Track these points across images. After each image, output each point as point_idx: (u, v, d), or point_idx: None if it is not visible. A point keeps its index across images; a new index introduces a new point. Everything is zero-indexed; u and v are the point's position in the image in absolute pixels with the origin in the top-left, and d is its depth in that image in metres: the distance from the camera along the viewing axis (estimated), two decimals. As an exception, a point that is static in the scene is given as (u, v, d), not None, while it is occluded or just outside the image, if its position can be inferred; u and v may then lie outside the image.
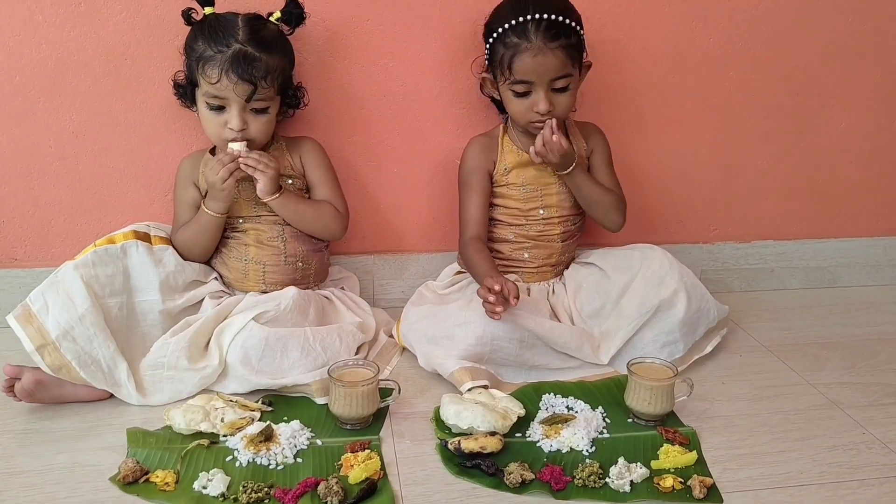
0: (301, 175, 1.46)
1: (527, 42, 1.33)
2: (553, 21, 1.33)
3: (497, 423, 1.15)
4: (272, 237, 1.42)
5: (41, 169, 1.48)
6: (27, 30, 1.39)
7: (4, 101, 1.42)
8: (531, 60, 1.34)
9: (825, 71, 1.68)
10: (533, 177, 1.48)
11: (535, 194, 1.49)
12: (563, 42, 1.34)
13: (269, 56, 1.32)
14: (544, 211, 1.49)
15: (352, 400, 1.17)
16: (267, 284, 1.43)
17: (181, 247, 1.42)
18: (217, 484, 1.04)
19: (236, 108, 1.32)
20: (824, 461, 1.15)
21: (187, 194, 1.44)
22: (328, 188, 1.47)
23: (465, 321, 1.32)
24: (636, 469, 1.09)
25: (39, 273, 1.51)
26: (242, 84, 1.29)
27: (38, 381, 1.22)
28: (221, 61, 1.29)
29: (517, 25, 1.34)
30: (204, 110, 1.34)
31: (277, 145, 1.45)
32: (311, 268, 1.47)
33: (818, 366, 1.45)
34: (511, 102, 1.41)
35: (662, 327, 1.38)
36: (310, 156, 1.46)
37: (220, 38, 1.30)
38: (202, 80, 1.31)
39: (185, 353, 1.27)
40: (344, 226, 1.48)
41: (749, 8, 1.60)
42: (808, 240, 1.81)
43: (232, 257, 1.44)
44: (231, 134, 1.33)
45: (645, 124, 1.65)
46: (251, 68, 1.29)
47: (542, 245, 1.50)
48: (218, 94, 1.31)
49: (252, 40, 1.31)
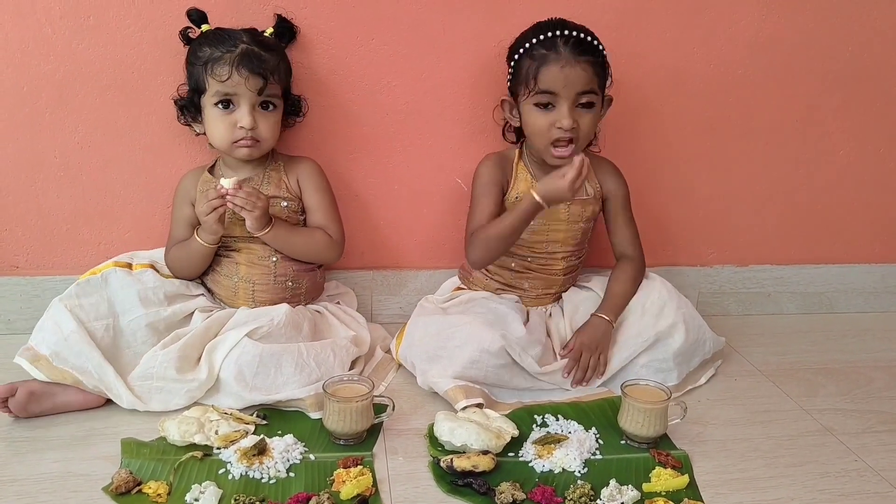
0: (296, 197, 1.46)
1: (555, 53, 1.33)
2: (581, 38, 1.34)
3: (491, 443, 1.16)
4: (263, 257, 1.43)
5: (45, 179, 1.49)
6: (36, 42, 1.41)
7: (12, 111, 1.44)
8: (558, 71, 1.33)
9: (824, 98, 1.70)
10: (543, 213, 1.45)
11: (542, 228, 1.47)
12: (591, 59, 1.34)
13: (272, 56, 1.36)
14: (549, 246, 1.48)
15: (346, 415, 1.18)
16: (256, 302, 1.43)
17: (171, 266, 1.44)
18: (209, 496, 1.04)
19: (247, 104, 1.34)
20: (815, 488, 1.15)
21: (183, 212, 1.45)
22: (324, 213, 1.47)
23: (462, 343, 1.33)
24: (627, 491, 1.09)
25: (40, 281, 1.53)
26: (254, 77, 1.32)
27: (31, 392, 1.23)
28: (231, 59, 1.32)
29: (545, 39, 1.34)
30: (213, 112, 1.35)
31: (276, 165, 1.46)
32: (302, 287, 1.47)
33: (813, 391, 1.45)
34: (533, 118, 1.37)
35: (657, 355, 1.40)
36: (308, 179, 1.46)
37: (227, 41, 1.34)
38: (211, 81, 1.33)
39: (174, 364, 1.28)
40: (338, 252, 1.48)
41: (749, 35, 1.62)
42: (805, 265, 1.82)
43: (223, 275, 1.44)
44: (241, 133, 1.34)
45: (643, 148, 1.66)
46: (261, 62, 1.33)
47: (543, 277, 1.50)
48: (228, 90, 1.33)
49: (255, 41, 1.36)
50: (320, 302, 1.53)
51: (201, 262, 1.43)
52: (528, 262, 1.49)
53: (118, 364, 1.30)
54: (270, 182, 1.44)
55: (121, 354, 1.32)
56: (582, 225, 1.49)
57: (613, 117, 1.61)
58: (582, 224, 1.49)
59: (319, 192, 1.47)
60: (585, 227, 1.50)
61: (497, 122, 1.52)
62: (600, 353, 1.39)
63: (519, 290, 1.51)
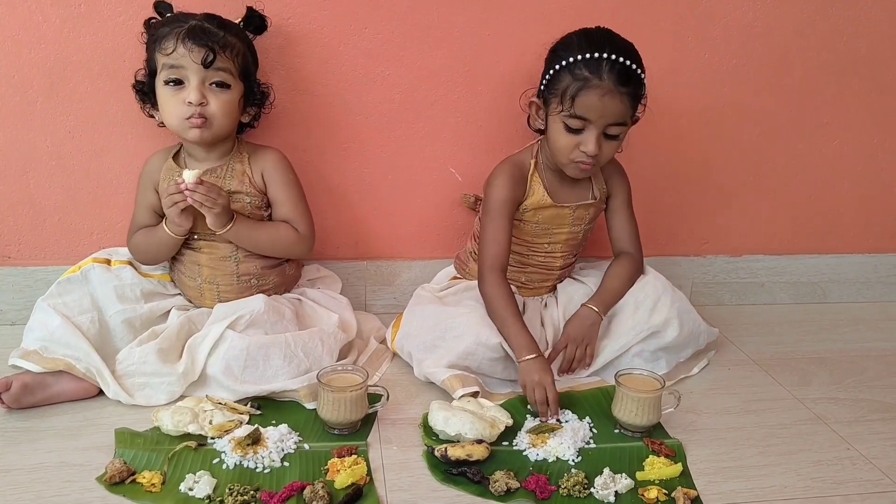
0: (260, 192, 1.41)
1: (597, 79, 1.27)
2: (627, 66, 1.28)
3: (485, 432, 1.16)
4: (225, 256, 1.40)
5: (37, 168, 1.48)
6: (27, 30, 1.40)
7: (2, 99, 1.43)
8: (598, 99, 1.27)
9: (819, 89, 1.70)
10: (549, 216, 1.45)
11: (546, 230, 1.47)
12: (631, 90, 1.29)
13: (226, 33, 1.31)
14: (550, 246, 1.48)
15: (340, 405, 1.18)
16: (223, 301, 1.41)
17: (135, 252, 1.43)
18: (203, 486, 1.04)
19: (195, 79, 1.29)
20: (808, 476, 1.15)
21: (147, 197, 1.42)
22: (290, 206, 1.42)
23: (460, 334, 1.33)
24: (621, 480, 1.10)
25: (32, 272, 1.52)
26: (199, 49, 1.27)
27: (25, 384, 1.23)
28: (178, 33, 1.28)
29: (591, 60, 1.28)
30: (163, 90, 1.31)
31: (240, 156, 1.41)
32: (269, 283, 1.44)
33: (805, 381, 1.46)
34: (559, 134, 1.34)
35: (648, 346, 1.41)
36: (273, 171, 1.41)
37: (177, 19, 1.31)
38: (159, 56, 1.29)
39: (153, 359, 1.27)
40: (306, 246, 1.44)
41: (744, 25, 1.62)
42: (798, 255, 1.83)
43: (187, 276, 1.42)
44: (190, 109, 1.29)
45: (639, 137, 1.65)
46: (207, 37, 1.28)
47: (541, 272, 1.50)
48: (175, 63, 1.28)
49: (209, 19, 1.31)
50: (297, 289, 1.51)
51: (167, 251, 1.41)
52: (526, 258, 1.49)
53: (106, 355, 1.30)
54: (234, 176, 1.39)
55: (108, 347, 1.33)
56: (584, 227, 1.49)
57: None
58: (584, 226, 1.49)
59: (285, 186, 1.42)
60: (587, 229, 1.50)
61: (524, 110, 1.46)
62: (587, 344, 1.39)
63: (516, 282, 1.51)
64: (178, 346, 1.32)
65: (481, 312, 1.36)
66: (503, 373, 1.34)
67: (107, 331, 1.34)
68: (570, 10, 1.48)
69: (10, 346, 1.32)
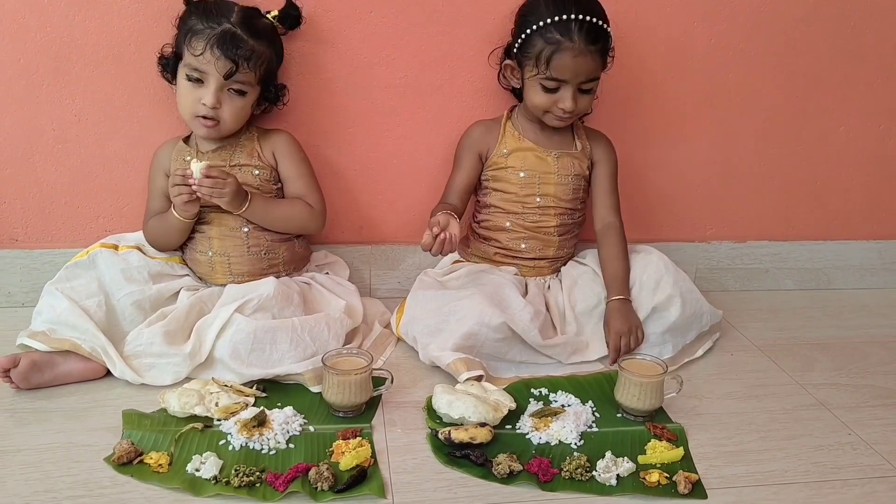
0: (270, 166, 1.45)
1: (569, 41, 1.34)
2: (595, 24, 1.35)
3: (488, 415, 1.17)
4: (235, 228, 1.42)
5: (43, 152, 1.49)
6: (33, 13, 1.40)
7: (8, 83, 1.43)
8: (571, 60, 1.35)
9: (825, 75, 1.69)
10: (533, 163, 1.49)
11: (532, 181, 1.49)
12: (601, 46, 1.37)
13: (256, 42, 1.34)
14: (541, 199, 1.50)
15: (345, 388, 1.19)
16: (234, 276, 1.43)
17: (150, 237, 1.45)
18: (210, 467, 1.06)
19: (214, 84, 1.33)
20: (809, 460, 1.16)
21: (158, 184, 1.46)
22: (303, 182, 1.47)
23: (463, 316, 1.34)
24: (623, 463, 1.10)
25: (39, 254, 1.53)
26: (224, 61, 1.31)
27: (33, 361, 1.24)
28: (209, 36, 1.31)
29: (560, 23, 1.35)
30: (182, 82, 1.36)
31: (250, 135, 1.45)
32: (279, 257, 1.46)
33: (808, 366, 1.46)
34: (536, 95, 1.42)
35: (653, 328, 1.41)
36: (283, 150, 1.46)
37: (213, 16, 1.33)
38: (186, 52, 1.33)
39: (160, 340, 1.29)
40: (320, 221, 1.49)
41: (750, 11, 1.61)
42: (803, 241, 1.82)
43: (198, 251, 1.44)
44: (203, 110, 1.34)
45: (643, 123, 1.66)
46: (236, 48, 1.31)
47: (539, 237, 1.51)
48: (199, 66, 1.32)
49: (243, 24, 1.34)
50: (307, 272, 1.53)
51: (178, 235, 1.43)
52: (521, 219, 1.50)
53: (114, 338, 1.31)
54: (243, 151, 1.43)
55: (115, 330, 1.34)
56: (572, 180, 1.50)
57: (614, 92, 1.61)
58: (572, 179, 1.50)
59: (296, 164, 1.47)
60: (576, 185, 1.51)
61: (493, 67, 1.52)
62: (636, 327, 1.40)
63: (516, 254, 1.51)
64: (186, 327, 1.33)
65: (483, 294, 1.37)
66: (508, 354, 1.35)
67: (114, 314, 1.35)
68: (576, -6, 1.48)
69: (19, 328, 1.33)
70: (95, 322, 1.31)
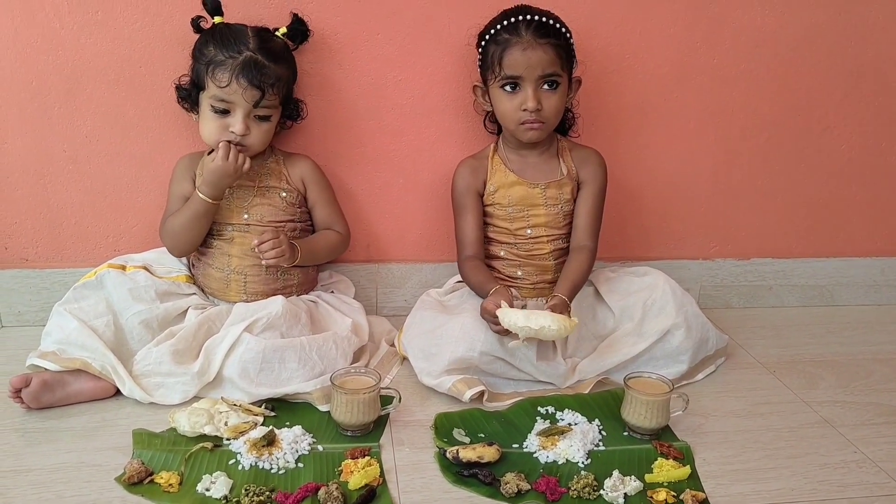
0: (297, 190, 1.48)
1: (517, 37, 1.37)
2: (543, 21, 1.38)
3: (564, 323, 1.23)
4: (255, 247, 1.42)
5: (54, 172, 1.50)
6: (45, 37, 1.42)
7: (21, 105, 1.45)
8: (521, 54, 1.37)
9: (827, 92, 1.71)
10: (519, 197, 1.48)
11: (521, 214, 1.49)
12: (553, 41, 1.38)
13: (276, 66, 1.36)
14: (532, 231, 1.49)
15: (353, 407, 1.20)
16: (248, 294, 1.44)
17: (168, 235, 1.45)
18: (220, 486, 1.06)
19: (241, 113, 1.35)
20: (815, 479, 1.17)
21: (182, 188, 1.46)
22: (329, 208, 1.52)
23: (455, 339, 1.34)
24: (630, 482, 1.11)
25: (49, 274, 1.54)
26: (251, 90, 1.33)
27: (44, 381, 1.25)
28: (232, 66, 1.32)
29: (508, 25, 1.38)
30: (208, 113, 1.37)
31: (275, 157, 1.48)
32: (294, 279, 1.48)
33: (813, 384, 1.47)
34: (501, 102, 1.42)
35: (656, 353, 1.41)
36: (311, 177, 1.50)
37: (232, 45, 1.34)
38: (210, 84, 1.34)
39: (170, 359, 1.30)
40: (348, 245, 1.56)
41: (752, 29, 1.63)
42: (806, 258, 1.83)
43: (214, 267, 1.45)
44: (231, 138, 1.36)
45: (647, 141, 1.67)
46: (261, 75, 1.33)
47: (534, 264, 1.51)
48: (226, 97, 1.34)
49: (262, 49, 1.35)
50: (314, 292, 1.54)
51: (199, 227, 1.42)
52: (515, 248, 1.50)
53: (122, 358, 1.32)
54: (271, 174, 1.46)
55: (124, 350, 1.35)
56: (562, 207, 1.50)
57: (617, 111, 1.63)
58: (562, 206, 1.50)
59: (323, 189, 1.51)
60: (567, 210, 1.51)
61: (478, 113, 1.55)
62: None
63: (514, 281, 1.52)
64: (194, 346, 1.34)
65: (475, 317, 1.36)
66: (504, 372, 1.36)
67: (122, 333, 1.37)
68: (581, 16, 1.49)
69: (29, 347, 1.35)
70: (104, 342, 1.32)
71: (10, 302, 1.55)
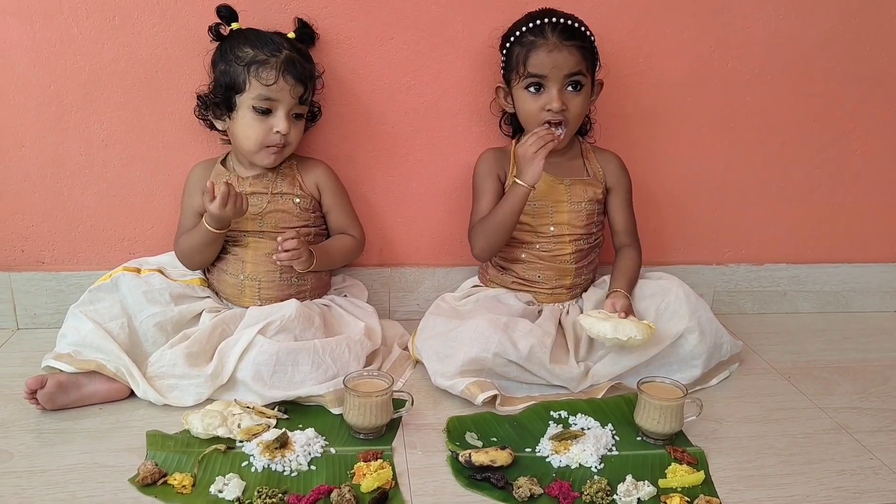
0: (311, 195, 1.49)
1: (543, 39, 1.39)
2: (568, 24, 1.40)
3: (646, 331, 1.30)
4: (269, 253, 1.44)
5: (71, 175, 1.52)
6: (63, 41, 1.44)
7: (39, 109, 1.47)
8: (546, 55, 1.38)
9: (842, 97, 1.70)
10: (543, 191, 1.50)
11: (545, 210, 1.50)
12: (578, 43, 1.40)
13: (309, 64, 1.41)
14: (555, 228, 1.50)
15: (366, 410, 1.20)
16: (262, 300, 1.45)
17: (182, 254, 1.47)
18: (233, 488, 1.07)
19: (284, 110, 1.37)
20: (831, 485, 1.15)
21: (194, 201, 1.47)
22: (344, 213, 1.53)
23: (468, 342, 1.34)
24: (644, 487, 1.11)
25: (65, 277, 1.56)
26: (298, 86, 1.36)
27: (59, 382, 1.26)
28: (277, 64, 1.35)
29: (534, 27, 1.40)
30: (248, 115, 1.37)
31: (289, 163, 1.49)
32: (308, 283, 1.49)
33: (828, 390, 1.46)
34: (525, 103, 1.43)
35: (668, 358, 1.41)
36: (326, 182, 1.50)
37: (270, 44, 1.36)
38: (255, 83, 1.35)
39: (183, 361, 1.30)
40: (363, 249, 1.57)
41: (767, 34, 1.62)
42: (821, 264, 1.82)
43: (229, 273, 1.46)
44: (276, 139, 1.38)
45: (662, 146, 1.67)
46: (304, 70, 1.37)
47: (555, 266, 1.51)
48: (271, 95, 1.35)
49: (295, 49, 1.39)
50: (327, 296, 1.55)
51: (210, 250, 1.44)
52: (536, 249, 1.51)
53: (136, 360, 1.33)
54: (284, 179, 1.47)
55: (138, 352, 1.36)
56: (585, 206, 1.50)
57: (631, 116, 1.63)
58: (585, 205, 1.50)
59: (337, 195, 1.52)
60: (590, 210, 1.51)
61: (494, 115, 1.56)
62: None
63: (532, 285, 1.52)
64: (208, 349, 1.35)
65: (489, 318, 1.36)
66: (517, 376, 1.35)
67: (136, 336, 1.38)
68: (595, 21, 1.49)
69: (44, 349, 1.36)
70: (119, 344, 1.33)
71: (25, 304, 1.57)
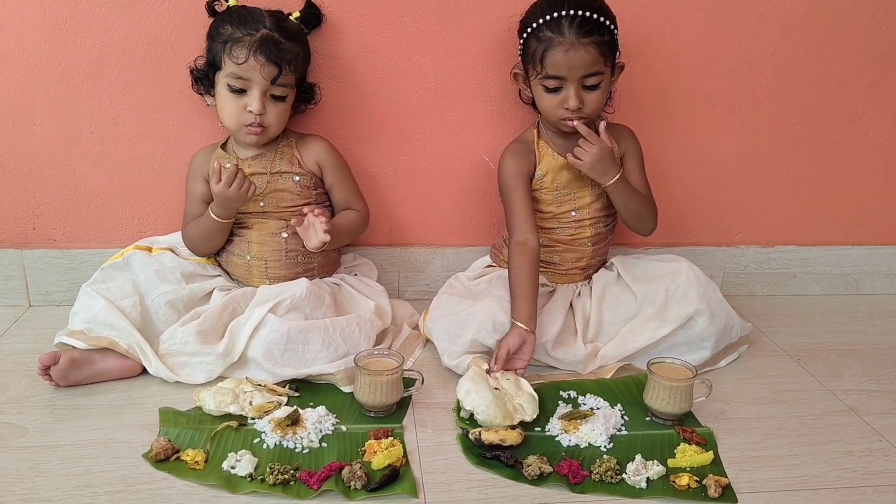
0: (311, 173, 1.47)
1: (560, 37, 1.33)
2: (587, 18, 1.33)
3: (495, 422, 1.17)
4: (274, 233, 1.45)
5: (81, 153, 1.52)
6: (74, 18, 1.43)
7: (49, 87, 1.47)
8: (563, 55, 1.34)
9: (855, 79, 1.68)
10: (567, 181, 1.48)
11: (568, 197, 1.49)
12: (596, 39, 1.34)
13: (292, 44, 1.37)
14: (577, 213, 1.49)
15: (376, 388, 1.21)
16: (270, 279, 1.46)
17: (189, 242, 1.47)
18: (245, 464, 1.08)
19: (258, 90, 1.36)
20: (840, 466, 1.16)
21: (197, 188, 1.48)
22: (348, 189, 1.52)
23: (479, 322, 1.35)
24: (653, 466, 1.11)
25: (76, 254, 1.56)
26: (269, 66, 1.34)
27: (72, 359, 1.27)
28: (250, 43, 1.33)
29: (551, 21, 1.34)
30: (224, 93, 1.38)
31: (288, 141, 1.48)
32: (315, 262, 1.49)
33: (837, 372, 1.46)
34: (542, 98, 1.41)
35: (678, 339, 1.41)
36: (327, 158, 1.49)
37: (249, 23, 1.35)
38: (228, 61, 1.35)
39: (195, 339, 1.31)
40: (367, 223, 1.56)
41: (780, 14, 1.61)
42: (831, 246, 1.82)
43: (235, 254, 1.47)
44: (250, 118, 1.37)
45: (673, 127, 1.66)
46: (278, 51, 1.34)
47: (573, 249, 1.51)
48: (242, 74, 1.34)
49: (278, 28, 1.37)
50: (337, 274, 1.55)
51: (217, 238, 1.45)
52: (556, 234, 1.50)
53: (148, 338, 1.34)
54: (283, 158, 1.46)
55: (150, 330, 1.37)
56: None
57: (643, 96, 1.61)
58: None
59: (339, 170, 1.51)
60: None
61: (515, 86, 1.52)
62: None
63: (549, 266, 1.52)
64: (219, 327, 1.35)
65: (498, 300, 1.37)
66: None
67: (148, 314, 1.38)
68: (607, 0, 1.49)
69: (56, 326, 1.37)
70: (131, 321, 1.34)
71: (38, 282, 1.58)
